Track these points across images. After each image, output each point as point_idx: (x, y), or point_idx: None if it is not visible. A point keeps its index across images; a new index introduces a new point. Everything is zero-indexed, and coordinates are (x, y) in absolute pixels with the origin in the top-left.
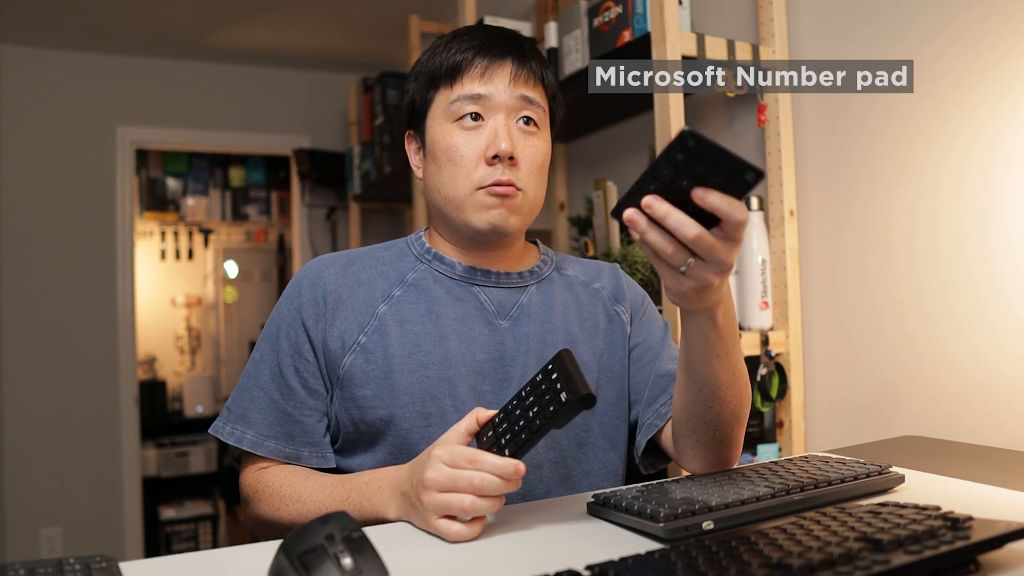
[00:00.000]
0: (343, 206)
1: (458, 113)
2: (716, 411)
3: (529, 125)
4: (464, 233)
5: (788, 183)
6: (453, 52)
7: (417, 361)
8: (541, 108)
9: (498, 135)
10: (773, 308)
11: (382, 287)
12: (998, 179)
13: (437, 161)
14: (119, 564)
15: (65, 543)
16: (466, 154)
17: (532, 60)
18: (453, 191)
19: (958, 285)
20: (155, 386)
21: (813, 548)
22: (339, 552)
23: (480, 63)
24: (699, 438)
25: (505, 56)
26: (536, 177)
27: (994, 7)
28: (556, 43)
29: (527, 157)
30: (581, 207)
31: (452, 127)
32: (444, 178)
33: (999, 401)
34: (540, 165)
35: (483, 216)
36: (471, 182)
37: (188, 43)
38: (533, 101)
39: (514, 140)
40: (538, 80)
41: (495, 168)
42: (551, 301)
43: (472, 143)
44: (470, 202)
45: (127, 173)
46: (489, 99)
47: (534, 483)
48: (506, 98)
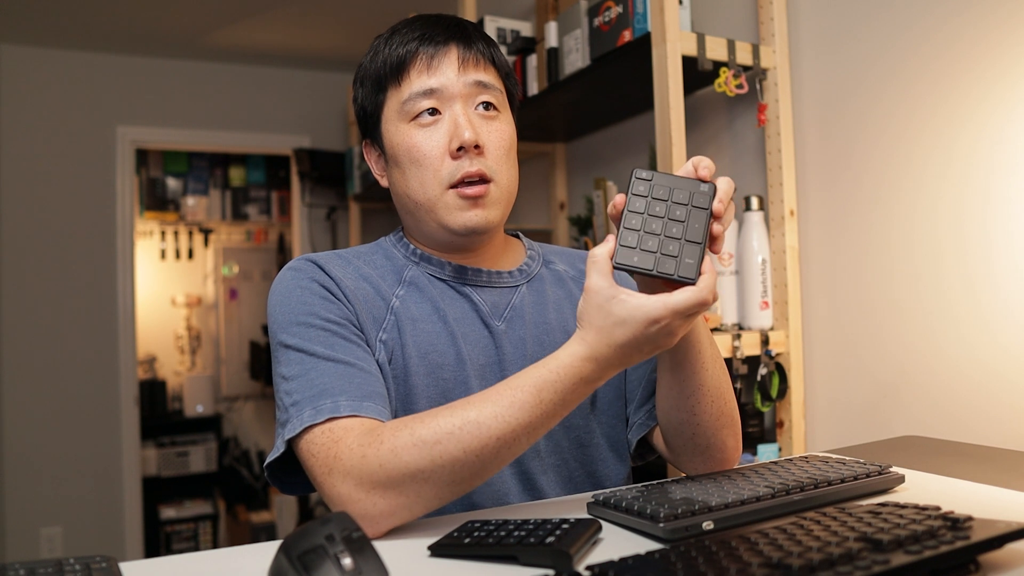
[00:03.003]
0: (343, 206)
1: (412, 112)
2: (699, 412)
3: (489, 110)
4: (440, 236)
5: (788, 183)
6: (395, 48)
7: (433, 362)
8: (498, 90)
9: (459, 125)
10: (773, 308)
11: (387, 284)
12: (999, 179)
13: (400, 165)
14: (119, 564)
15: (65, 543)
16: (428, 152)
17: (478, 42)
18: (423, 193)
19: (958, 285)
20: (155, 386)
21: (813, 548)
22: (339, 552)
23: (424, 55)
24: (685, 443)
25: (448, 42)
26: (506, 162)
27: (994, 6)
28: (556, 43)
29: (493, 142)
30: (581, 207)
31: (409, 127)
32: (411, 181)
33: (999, 401)
34: (508, 149)
35: (458, 218)
36: (439, 180)
37: (188, 43)
38: (488, 85)
39: (476, 127)
40: (488, 61)
41: (462, 160)
42: (544, 300)
43: (433, 139)
44: (442, 204)
45: (127, 173)
46: (442, 91)
47: (538, 488)
48: (459, 86)
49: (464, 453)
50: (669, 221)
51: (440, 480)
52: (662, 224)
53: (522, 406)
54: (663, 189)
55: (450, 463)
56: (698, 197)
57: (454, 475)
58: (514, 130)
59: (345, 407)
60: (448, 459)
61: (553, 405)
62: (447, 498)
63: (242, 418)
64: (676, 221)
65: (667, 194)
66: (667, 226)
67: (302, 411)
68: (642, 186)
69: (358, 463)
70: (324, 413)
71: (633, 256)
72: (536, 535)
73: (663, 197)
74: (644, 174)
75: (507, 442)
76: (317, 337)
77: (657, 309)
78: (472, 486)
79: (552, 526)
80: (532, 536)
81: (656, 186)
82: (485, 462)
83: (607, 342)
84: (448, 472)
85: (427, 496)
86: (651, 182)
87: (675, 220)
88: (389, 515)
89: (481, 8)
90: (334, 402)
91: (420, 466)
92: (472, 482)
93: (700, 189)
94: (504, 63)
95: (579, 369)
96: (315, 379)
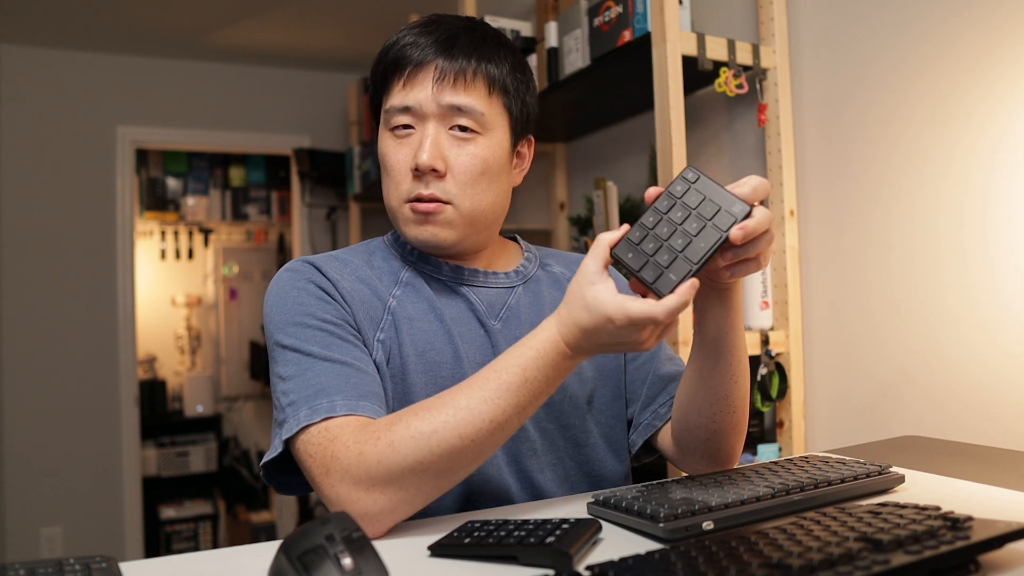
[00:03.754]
0: (343, 206)
1: (391, 123)
2: (719, 420)
3: (465, 132)
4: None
5: (788, 183)
6: (388, 53)
7: (430, 360)
8: (478, 112)
9: (422, 146)
10: (773, 308)
11: (384, 284)
12: (999, 179)
13: (381, 168)
14: (119, 564)
15: (65, 543)
16: (394, 165)
17: (461, 58)
18: (387, 201)
19: (958, 285)
20: (155, 386)
21: (813, 548)
22: (339, 552)
23: (404, 70)
24: (698, 445)
25: (428, 59)
26: (473, 187)
27: (994, 6)
28: (556, 43)
29: (460, 167)
30: (581, 207)
31: (388, 135)
32: (385, 187)
33: (999, 401)
34: (478, 173)
35: (412, 231)
36: (400, 194)
37: (188, 43)
38: (463, 108)
39: (443, 150)
40: (472, 78)
41: (419, 181)
42: (540, 301)
43: (400, 153)
44: (400, 215)
45: (127, 173)
46: (416, 109)
47: (536, 487)
48: (432, 107)
49: (460, 440)
50: (680, 230)
51: (438, 470)
52: (671, 231)
53: (509, 387)
54: (696, 196)
55: (448, 452)
56: (722, 217)
57: (452, 463)
58: (497, 151)
59: (341, 406)
60: (446, 448)
61: (538, 383)
62: (444, 487)
63: (242, 418)
64: (685, 233)
65: (696, 202)
66: (674, 235)
67: (298, 411)
68: (680, 186)
69: (355, 461)
70: (321, 413)
71: (628, 252)
72: (536, 535)
73: (691, 204)
74: (690, 175)
75: (500, 424)
76: (314, 337)
77: (614, 307)
78: (468, 472)
79: (552, 526)
80: (532, 536)
81: (692, 191)
82: (481, 446)
83: (574, 322)
84: (446, 461)
85: (426, 488)
86: (692, 185)
87: (685, 232)
88: (390, 511)
89: (481, 8)
90: (330, 401)
91: (419, 457)
92: (468, 468)
93: (731, 209)
94: (501, 79)
95: (556, 344)
96: (311, 379)
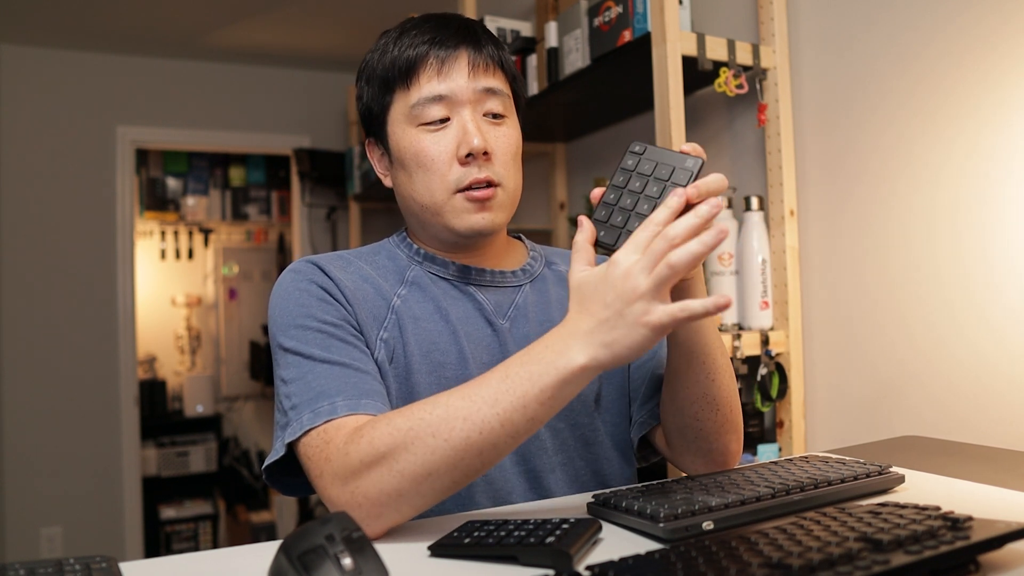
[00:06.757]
0: (343, 206)
1: (421, 117)
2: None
3: (496, 116)
4: (445, 238)
5: (788, 183)
6: (404, 49)
7: (435, 361)
8: (505, 95)
9: (468, 131)
10: (773, 308)
11: (388, 284)
12: (998, 179)
13: (407, 168)
14: (119, 564)
15: (65, 543)
16: (437, 157)
17: (487, 45)
18: (430, 198)
19: (958, 284)
20: (155, 386)
21: (813, 548)
22: (339, 552)
23: (435, 58)
24: (688, 445)
25: (459, 47)
26: (512, 167)
27: (994, 7)
28: (556, 43)
29: (500, 148)
30: (581, 207)
31: (417, 131)
32: (417, 185)
33: (1000, 400)
34: (514, 154)
35: (465, 221)
36: (447, 186)
37: (188, 43)
38: (496, 91)
39: (484, 134)
40: (497, 66)
41: (470, 167)
42: (547, 300)
43: (441, 144)
44: (449, 207)
45: (127, 173)
46: (451, 97)
47: (544, 487)
48: (469, 92)
49: (434, 438)
50: (643, 196)
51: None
52: (635, 200)
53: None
54: (649, 164)
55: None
56: (679, 173)
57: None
58: (519, 134)
59: (343, 407)
60: (420, 445)
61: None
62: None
63: (242, 418)
64: (648, 198)
65: (651, 169)
66: (639, 202)
67: (301, 415)
68: (631, 160)
69: (343, 461)
70: (322, 416)
71: (600, 231)
72: (536, 535)
73: (646, 172)
74: (637, 147)
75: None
76: (314, 340)
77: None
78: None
79: (552, 526)
80: (532, 536)
81: (644, 160)
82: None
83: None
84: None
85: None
86: (641, 156)
87: (648, 197)
88: (377, 504)
89: (481, 8)
90: (331, 403)
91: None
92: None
93: (684, 165)
94: (511, 65)
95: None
96: (312, 382)
